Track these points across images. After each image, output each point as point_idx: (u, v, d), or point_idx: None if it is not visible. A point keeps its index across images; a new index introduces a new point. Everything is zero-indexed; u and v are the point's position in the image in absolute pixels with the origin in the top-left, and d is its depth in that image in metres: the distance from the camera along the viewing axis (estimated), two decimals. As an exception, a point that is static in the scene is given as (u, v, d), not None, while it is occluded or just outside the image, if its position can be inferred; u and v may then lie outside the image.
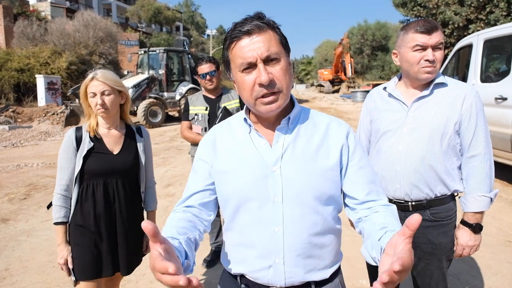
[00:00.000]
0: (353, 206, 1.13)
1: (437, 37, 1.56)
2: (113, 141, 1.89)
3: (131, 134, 1.97)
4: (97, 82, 1.78)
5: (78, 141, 1.82)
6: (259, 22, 1.00)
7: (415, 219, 0.68)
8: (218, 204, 1.20)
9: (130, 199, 1.90)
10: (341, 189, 1.13)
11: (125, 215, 1.88)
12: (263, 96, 1.00)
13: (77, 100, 11.79)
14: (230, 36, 1.02)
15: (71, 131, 1.85)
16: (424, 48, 1.57)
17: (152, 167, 2.10)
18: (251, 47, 0.99)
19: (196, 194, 1.16)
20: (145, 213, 2.11)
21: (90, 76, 1.80)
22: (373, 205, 1.10)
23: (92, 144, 1.82)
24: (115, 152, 1.87)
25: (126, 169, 1.88)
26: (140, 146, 1.96)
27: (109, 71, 1.87)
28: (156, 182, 2.17)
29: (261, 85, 0.99)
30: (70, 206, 1.83)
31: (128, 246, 1.89)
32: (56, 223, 1.81)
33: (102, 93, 1.79)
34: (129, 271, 1.93)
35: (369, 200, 1.10)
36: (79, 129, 1.86)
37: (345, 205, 1.17)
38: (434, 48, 1.57)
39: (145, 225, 0.69)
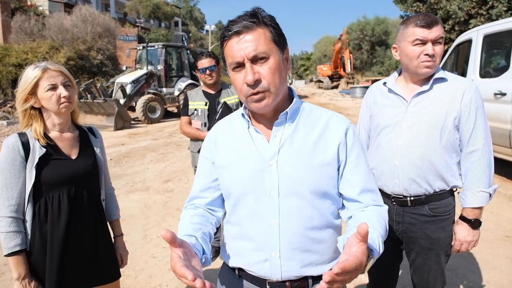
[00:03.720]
0: (346, 204, 1.15)
1: (437, 31, 1.55)
2: (68, 144, 1.63)
3: (85, 135, 1.73)
4: (54, 73, 1.54)
5: (26, 149, 1.51)
6: (248, 22, 1.00)
7: (362, 227, 0.77)
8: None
9: (96, 208, 1.70)
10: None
11: (92, 228, 1.66)
12: (252, 95, 1.02)
13: (89, 96, 11.63)
14: (222, 36, 1.05)
15: (13, 138, 1.52)
16: (424, 42, 1.56)
17: (108, 170, 1.88)
18: (239, 46, 1.00)
19: (202, 191, 1.22)
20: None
21: (37, 69, 1.52)
22: (363, 204, 1.11)
23: (44, 150, 1.53)
24: (73, 157, 1.62)
25: (88, 174, 1.65)
26: (96, 148, 1.75)
27: None
28: (115, 188, 1.97)
29: (248, 84, 1.01)
30: (26, 229, 1.53)
31: (101, 262, 1.70)
32: (11, 254, 1.49)
33: (64, 84, 1.55)
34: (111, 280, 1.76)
35: (361, 200, 1.11)
36: (23, 135, 1.55)
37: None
38: (434, 42, 1.56)
39: (164, 233, 0.79)
